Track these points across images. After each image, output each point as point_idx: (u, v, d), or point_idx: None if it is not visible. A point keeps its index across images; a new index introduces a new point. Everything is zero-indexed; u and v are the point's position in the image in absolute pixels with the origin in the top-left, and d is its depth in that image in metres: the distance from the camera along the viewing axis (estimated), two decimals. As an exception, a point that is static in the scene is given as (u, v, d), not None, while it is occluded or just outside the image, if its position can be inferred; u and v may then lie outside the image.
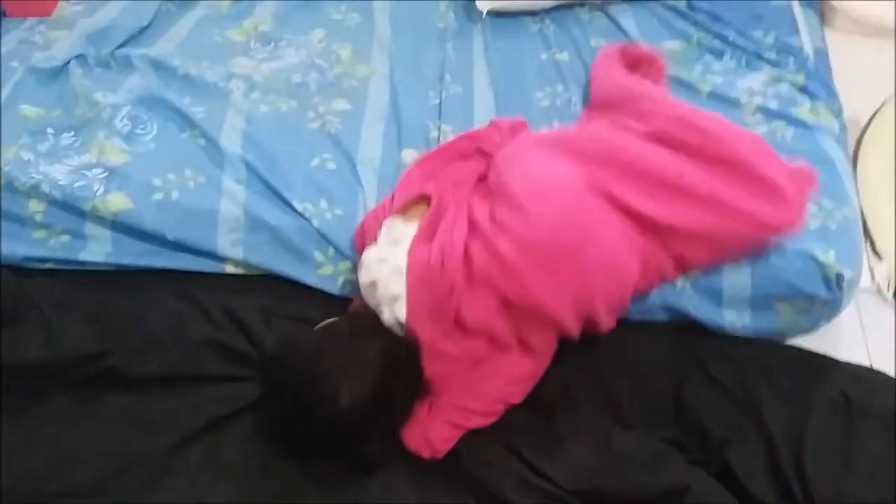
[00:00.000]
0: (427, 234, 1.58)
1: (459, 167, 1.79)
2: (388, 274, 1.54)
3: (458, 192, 1.67)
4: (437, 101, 2.13)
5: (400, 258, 1.55)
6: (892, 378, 1.69)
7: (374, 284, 1.56)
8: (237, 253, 1.82)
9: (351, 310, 1.73)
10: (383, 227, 1.64)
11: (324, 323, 1.59)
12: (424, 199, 1.68)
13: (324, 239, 1.80)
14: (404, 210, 1.67)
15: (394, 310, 1.52)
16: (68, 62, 2.14)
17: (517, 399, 1.60)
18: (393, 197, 1.74)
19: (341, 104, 2.09)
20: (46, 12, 2.37)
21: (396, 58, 2.25)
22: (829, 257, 1.69)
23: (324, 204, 1.84)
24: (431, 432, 1.55)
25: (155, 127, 1.97)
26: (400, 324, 1.52)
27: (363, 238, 1.74)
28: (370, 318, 1.56)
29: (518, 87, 2.18)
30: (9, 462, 1.52)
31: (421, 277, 1.51)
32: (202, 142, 1.95)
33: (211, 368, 1.69)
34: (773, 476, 1.49)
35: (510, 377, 1.58)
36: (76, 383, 1.66)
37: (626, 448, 1.54)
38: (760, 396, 1.60)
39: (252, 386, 1.63)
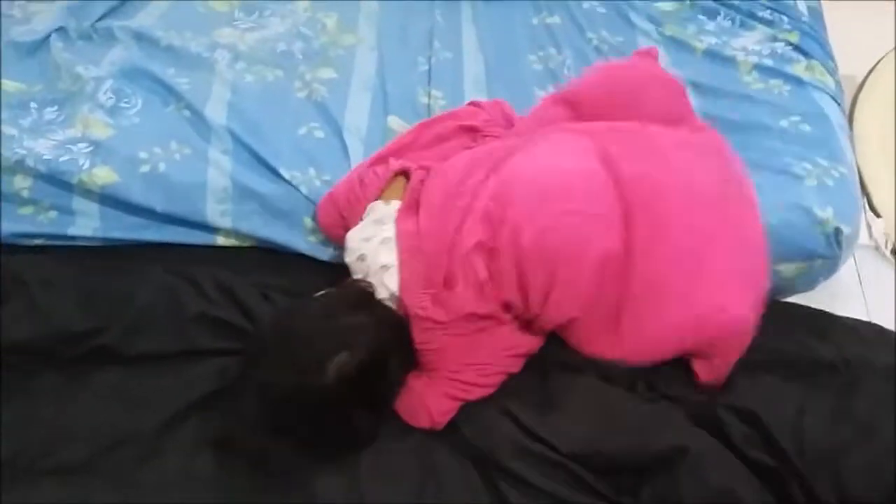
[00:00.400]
0: (411, 207, 1.56)
1: (441, 148, 1.77)
2: (376, 246, 1.53)
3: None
4: (427, 67, 2.09)
5: (387, 231, 1.53)
6: (891, 333, 1.67)
7: (362, 258, 1.54)
8: (226, 223, 1.80)
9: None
10: (366, 212, 1.62)
11: (316, 295, 1.56)
12: (403, 174, 1.67)
13: (313, 205, 1.77)
14: (382, 193, 1.65)
15: (384, 280, 1.50)
16: (49, 35, 2.09)
17: (516, 369, 1.58)
18: (361, 181, 1.69)
19: (327, 73, 2.05)
20: (26, -16, 2.31)
21: (384, 25, 2.22)
22: (826, 213, 1.68)
23: (312, 171, 1.81)
24: (431, 405, 1.52)
25: (139, 101, 1.94)
26: (393, 295, 1.50)
27: (333, 209, 1.71)
28: (362, 290, 1.53)
29: (509, 52, 2.16)
30: (2, 439, 1.50)
31: (411, 247, 1.50)
32: (187, 113, 1.91)
33: (204, 343, 1.66)
34: (767, 438, 1.47)
35: (507, 348, 1.54)
36: (67, 361, 1.63)
37: (626, 409, 1.52)
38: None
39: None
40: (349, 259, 1.58)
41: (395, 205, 1.60)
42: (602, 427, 1.50)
